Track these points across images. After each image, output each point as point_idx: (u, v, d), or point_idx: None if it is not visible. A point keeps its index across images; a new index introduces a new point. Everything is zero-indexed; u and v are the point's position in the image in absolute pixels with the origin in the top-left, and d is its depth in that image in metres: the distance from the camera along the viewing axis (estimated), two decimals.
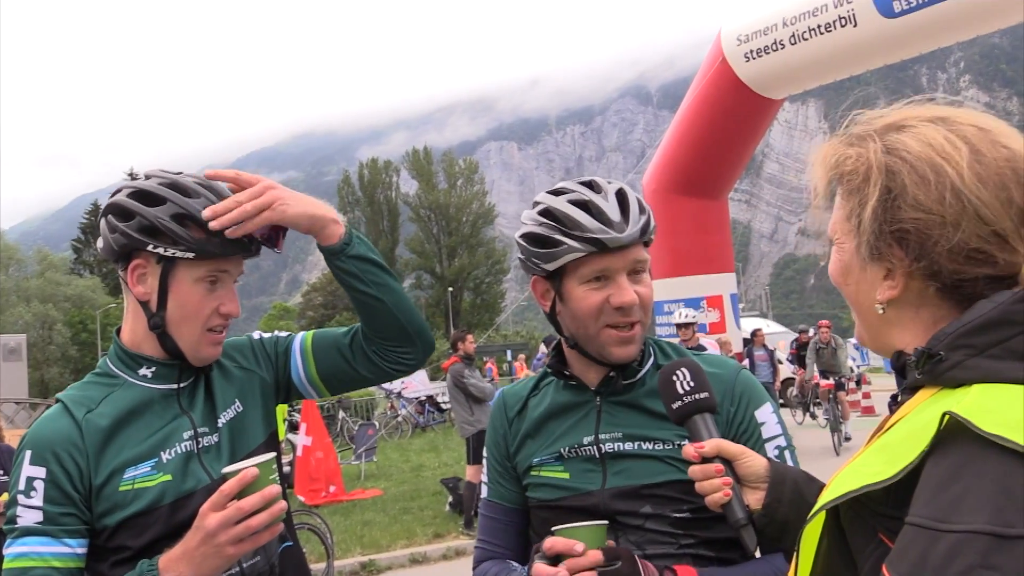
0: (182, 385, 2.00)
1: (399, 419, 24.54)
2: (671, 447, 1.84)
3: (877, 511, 1.11)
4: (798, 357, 19.34)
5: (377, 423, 20.66)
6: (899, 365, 1.23)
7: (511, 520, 2.06)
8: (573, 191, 1.90)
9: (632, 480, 1.85)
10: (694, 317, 11.96)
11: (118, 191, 1.96)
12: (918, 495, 1.02)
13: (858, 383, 20.77)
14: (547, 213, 1.89)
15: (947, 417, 1.02)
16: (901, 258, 1.18)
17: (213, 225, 1.87)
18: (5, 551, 1.76)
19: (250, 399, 2.09)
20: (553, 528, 1.71)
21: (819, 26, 13.50)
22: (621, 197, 1.88)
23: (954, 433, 1.02)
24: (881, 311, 1.24)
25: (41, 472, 1.80)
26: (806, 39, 13.72)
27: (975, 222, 1.12)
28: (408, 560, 9.92)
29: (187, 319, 1.93)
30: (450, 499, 12.02)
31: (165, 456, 1.90)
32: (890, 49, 13.41)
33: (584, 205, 1.86)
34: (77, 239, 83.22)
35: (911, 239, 1.16)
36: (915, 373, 1.16)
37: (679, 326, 11.73)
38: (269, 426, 2.12)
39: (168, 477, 1.88)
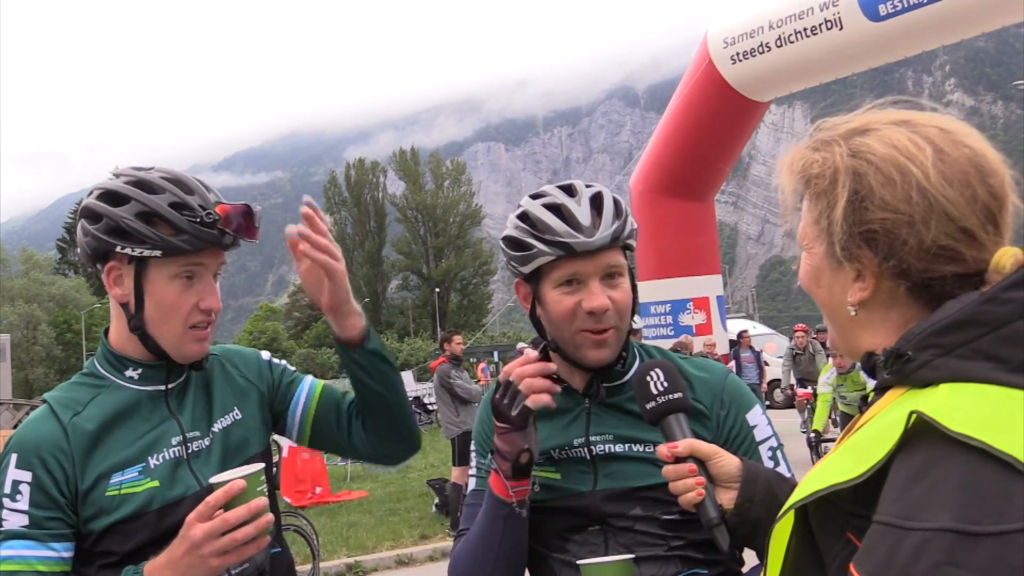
0: (171, 386, 1.98)
1: None
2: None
3: (845, 510, 1.12)
4: None
5: None
6: (869, 366, 1.25)
7: None
8: (549, 195, 1.91)
9: (623, 482, 1.86)
10: None
11: (91, 192, 1.94)
12: (885, 494, 1.03)
13: None
14: (523, 216, 1.90)
15: (914, 416, 1.04)
16: (870, 259, 1.20)
17: (302, 249, 1.89)
18: None
19: (249, 408, 2.09)
20: (579, 562, 1.73)
21: (805, 29, 13.56)
22: (596, 201, 1.88)
23: (921, 432, 1.03)
24: (853, 313, 1.25)
25: (27, 476, 1.80)
26: (792, 42, 13.78)
27: (943, 220, 1.15)
28: (394, 561, 9.92)
29: (166, 318, 1.91)
30: (436, 500, 12.02)
31: (153, 461, 1.89)
32: (876, 52, 13.48)
33: (556, 209, 1.86)
34: (62, 239, 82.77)
35: (880, 239, 1.18)
36: (884, 373, 1.18)
37: None
38: (265, 438, 2.12)
39: (156, 483, 1.87)
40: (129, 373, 1.96)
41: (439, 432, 17.62)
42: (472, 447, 2.14)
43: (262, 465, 1.77)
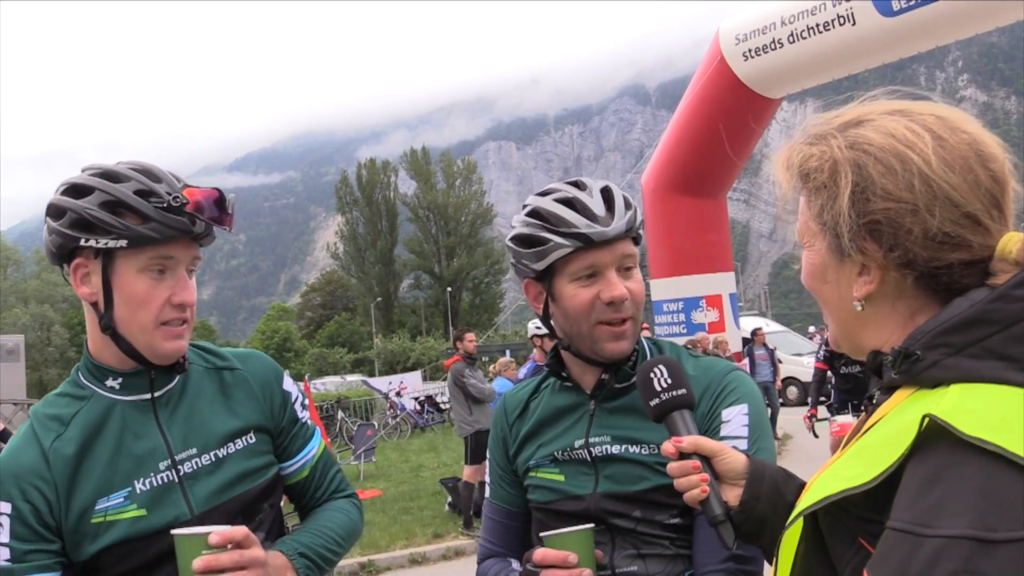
0: (157, 395, 1.87)
1: (398, 419, 24.56)
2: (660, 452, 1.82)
3: (857, 515, 1.10)
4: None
5: (376, 423, 20.66)
6: (875, 365, 1.23)
7: (510, 523, 2.08)
8: (559, 190, 1.91)
9: (621, 485, 1.85)
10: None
11: (56, 189, 1.83)
12: (899, 499, 1.01)
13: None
14: (534, 213, 1.90)
15: (927, 420, 1.02)
16: (875, 250, 1.18)
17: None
18: None
19: (261, 435, 1.98)
20: (541, 534, 1.74)
21: (817, 25, 13.49)
22: (606, 193, 1.90)
23: (934, 436, 1.01)
24: (860, 308, 1.23)
25: (7, 508, 1.72)
26: (804, 38, 13.71)
27: (946, 206, 1.13)
28: (408, 560, 9.93)
29: (136, 314, 1.79)
30: (449, 499, 12.03)
31: (139, 485, 1.79)
32: (889, 48, 13.40)
33: (570, 202, 1.87)
34: None
35: (883, 230, 1.16)
36: (892, 373, 1.16)
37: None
38: (271, 468, 2.00)
39: (142, 512, 1.78)
40: (110, 383, 1.85)
41: (452, 431, 17.64)
42: (488, 452, 2.15)
43: (208, 529, 1.62)
